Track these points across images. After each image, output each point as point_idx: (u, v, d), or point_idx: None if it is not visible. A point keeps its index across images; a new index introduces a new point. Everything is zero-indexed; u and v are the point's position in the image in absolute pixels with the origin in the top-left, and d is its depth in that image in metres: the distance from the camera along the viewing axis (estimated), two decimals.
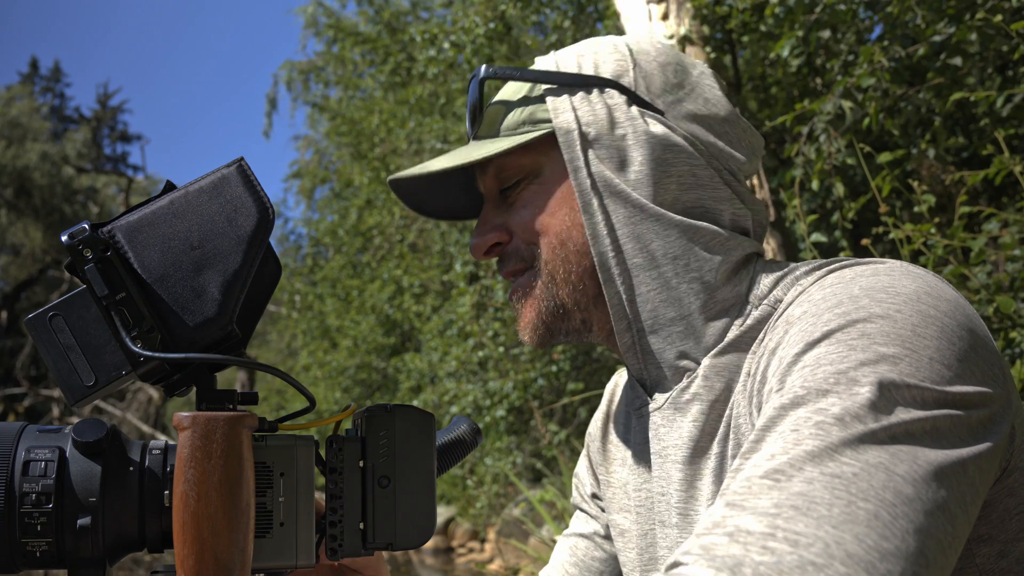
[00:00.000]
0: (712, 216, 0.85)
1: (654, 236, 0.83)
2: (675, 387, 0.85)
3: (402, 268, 11.02)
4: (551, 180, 0.88)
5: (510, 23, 7.86)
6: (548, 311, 0.88)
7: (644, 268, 0.84)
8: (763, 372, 0.75)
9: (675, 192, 0.84)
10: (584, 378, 7.78)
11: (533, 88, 0.89)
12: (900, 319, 0.68)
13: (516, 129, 0.88)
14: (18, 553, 0.66)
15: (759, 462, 0.62)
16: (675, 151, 0.84)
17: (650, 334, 0.84)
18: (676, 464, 0.84)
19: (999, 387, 0.69)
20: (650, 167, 0.84)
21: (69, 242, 0.66)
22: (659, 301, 0.84)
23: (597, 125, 0.85)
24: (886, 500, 0.58)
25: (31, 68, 35.43)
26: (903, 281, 0.72)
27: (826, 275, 0.77)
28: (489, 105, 0.92)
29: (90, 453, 0.68)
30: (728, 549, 0.57)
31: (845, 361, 0.66)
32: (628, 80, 0.86)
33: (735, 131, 0.89)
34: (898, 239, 2.53)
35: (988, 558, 0.75)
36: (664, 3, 4.28)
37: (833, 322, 0.69)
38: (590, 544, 1.08)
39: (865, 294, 0.70)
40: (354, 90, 13.91)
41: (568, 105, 0.86)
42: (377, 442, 0.76)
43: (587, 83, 0.86)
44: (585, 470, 1.10)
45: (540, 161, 0.88)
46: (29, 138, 24.04)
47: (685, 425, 0.83)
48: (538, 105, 0.87)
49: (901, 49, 3.37)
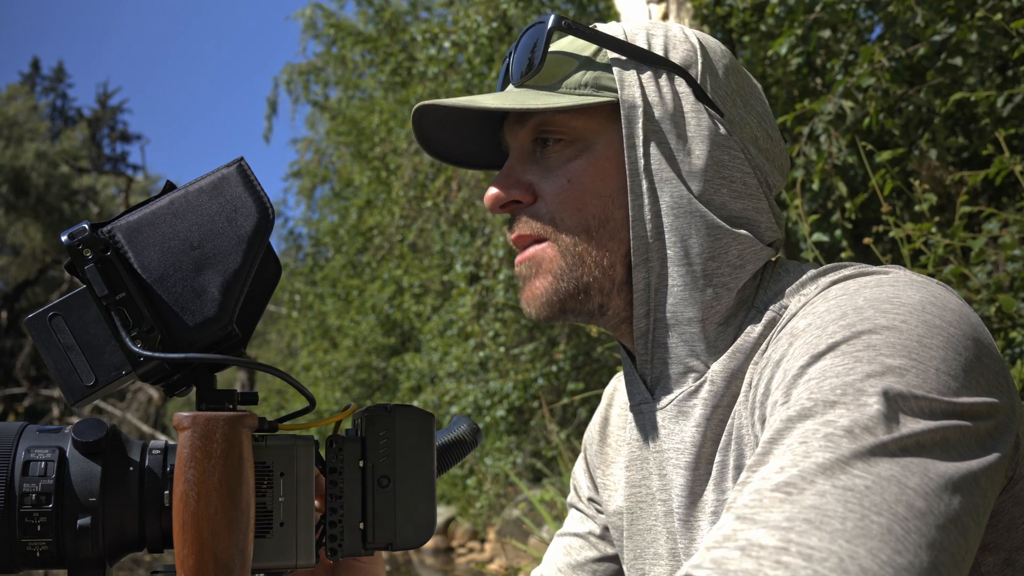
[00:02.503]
0: (753, 227, 0.84)
1: (694, 232, 0.82)
2: (680, 389, 0.83)
3: (402, 268, 11.02)
4: (601, 154, 0.84)
5: (511, 23, 7.86)
6: (567, 291, 0.85)
7: (676, 262, 0.82)
8: (766, 384, 0.74)
9: (726, 196, 0.83)
10: (584, 378, 7.78)
11: (599, 52, 0.85)
12: (905, 330, 0.67)
13: (577, 89, 0.84)
14: (18, 553, 0.66)
15: (768, 475, 0.61)
16: (732, 155, 0.83)
17: (667, 328, 0.83)
18: (678, 469, 0.83)
19: (1004, 396, 0.68)
20: (707, 163, 0.82)
21: (69, 242, 0.66)
22: (682, 298, 0.82)
23: (663, 107, 0.82)
24: (899, 514, 0.57)
25: (32, 68, 35.45)
26: (907, 291, 0.71)
27: (830, 286, 0.77)
28: (548, 54, 0.86)
29: (90, 453, 0.68)
30: (741, 564, 0.56)
31: (851, 373, 0.65)
32: (695, 72, 0.84)
33: (776, 149, 0.88)
34: (899, 238, 2.53)
35: (994, 567, 0.74)
36: (664, 3, 4.28)
37: (838, 334, 0.68)
38: (584, 543, 1.08)
39: (869, 305, 0.70)
40: (354, 90, 13.90)
41: (636, 80, 0.83)
42: (377, 442, 0.76)
43: (657, 63, 0.84)
44: (582, 473, 1.09)
45: (593, 130, 0.84)
46: (27, 138, 24.04)
47: (688, 430, 0.82)
48: (603, 72, 0.84)
49: (901, 49, 3.37)
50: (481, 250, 8.52)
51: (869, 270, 0.77)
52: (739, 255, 0.82)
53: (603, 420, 1.05)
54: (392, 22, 11.96)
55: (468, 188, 8.61)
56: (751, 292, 0.84)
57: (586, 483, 1.08)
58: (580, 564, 1.07)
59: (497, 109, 0.82)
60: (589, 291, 0.85)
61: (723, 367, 0.81)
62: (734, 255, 0.82)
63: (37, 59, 38.26)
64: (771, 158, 0.87)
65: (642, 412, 0.89)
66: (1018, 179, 2.61)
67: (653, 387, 0.87)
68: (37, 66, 35.52)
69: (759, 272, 0.85)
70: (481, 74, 8.15)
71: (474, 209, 8.61)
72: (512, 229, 0.88)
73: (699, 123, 0.83)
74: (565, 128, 0.85)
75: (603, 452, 1.03)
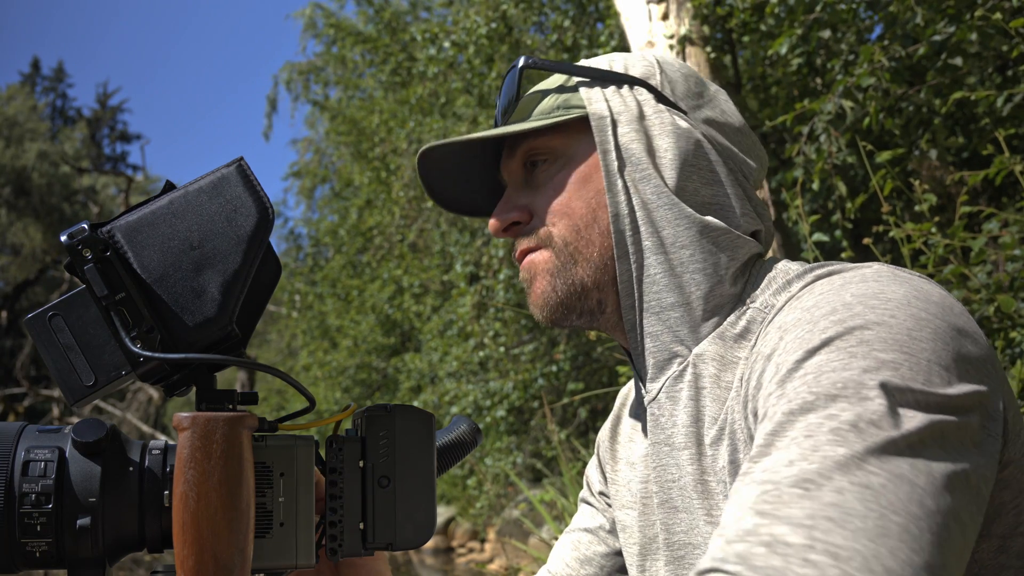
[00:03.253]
0: (725, 214, 0.89)
1: (666, 224, 0.87)
2: (666, 374, 0.87)
3: (402, 268, 11.02)
4: (579, 164, 0.92)
5: (511, 23, 7.86)
6: (565, 289, 0.91)
7: (653, 252, 0.87)
8: (758, 377, 0.76)
9: (696, 184, 0.89)
10: (584, 378, 7.78)
11: (568, 80, 0.94)
12: (895, 325, 0.69)
13: (550, 113, 0.93)
14: (18, 553, 0.66)
15: (777, 468, 0.62)
16: (697, 145, 0.90)
17: (651, 315, 0.88)
18: (677, 450, 0.87)
19: (993, 381, 0.71)
20: (674, 154, 0.89)
21: (69, 242, 0.66)
22: (663, 285, 0.87)
23: (628, 114, 0.90)
24: (913, 513, 0.59)
25: (32, 68, 35.45)
26: (891, 286, 0.74)
27: (814, 281, 0.80)
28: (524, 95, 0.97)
29: (90, 453, 0.68)
30: (768, 560, 0.57)
31: (848, 368, 0.67)
32: (655, 82, 0.92)
33: (747, 141, 0.94)
34: (899, 238, 2.53)
35: (988, 553, 0.75)
36: (664, 3, 4.28)
37: (830, 329, 0.70)
38: (593, 538, 1.10)
39: (858, 301, 0.72)
40: (354, 90, 13.91)
41: (601, 95, 0.91)
42: (377, 442, 0.76)
43: (619, 80, 0.92)
44: (594, 468, 1.13)
45: (570, 144, 0.92)
46: (28, 138, 24.04)
47: (679, 414, 0.86)
48: (572, 94, 0.93)
49: (901, 49, 3.37)
50: (481, 250, 8.52)
51: (850, 266, 0.80)
52: (714, 241, 0.87)
53: (615, 418, 1.08)
54: (392, 22, 11.96)
55: None
56: (739, 286, 0.88)
57: (598, 477, 1.11)
58: (588, 559, 1.09)
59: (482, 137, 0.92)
60: (585, 286, 0.90)
61: (703, 350, 0.85)
62: (709, 241, 0.87)
63: (37, 59, 38.27)
64: (744, 148, 0.93)
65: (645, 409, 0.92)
66: (1018, 179, 2.61)
67: (646, 380, 0.90)
68: (37, 66, 35.53)
69: (747, 265, 0.89)
70: (481, 74, 8.16)
71: None
72: (516, 248, 0.96)
73: (662, 121, 0.90)
74: (547, 149, 0.93)
75: (613, 449, 1.06)
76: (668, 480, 0.89)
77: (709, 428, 0.84)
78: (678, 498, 0.88)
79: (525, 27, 7.99)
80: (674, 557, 0.90)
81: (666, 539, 0.90)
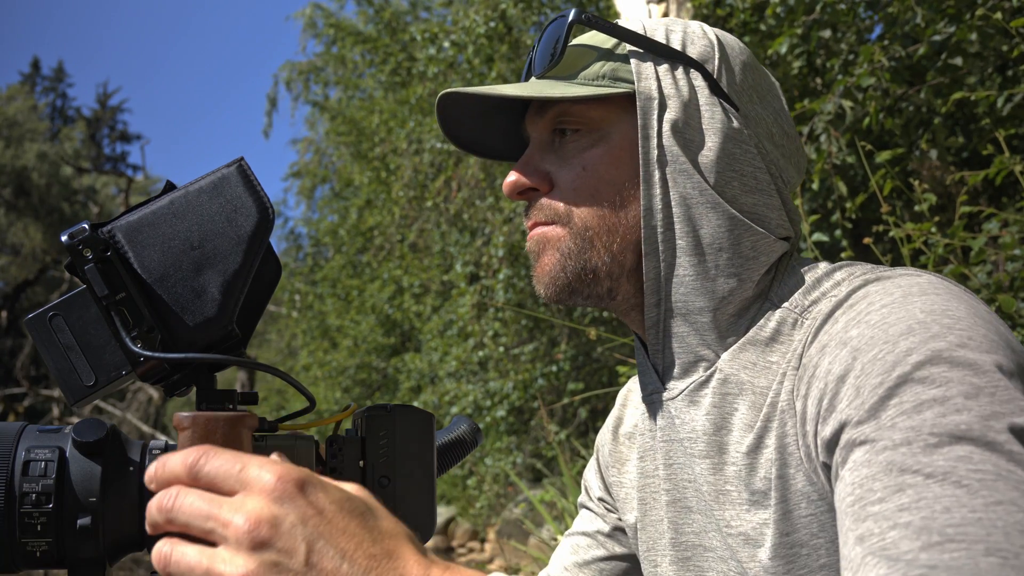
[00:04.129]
0: (764, 223, 0.85)
1: (705, 223, 0.83)
2: (691, 378, 0.84)
3: (402, 268, 11.02)
4: (616, 144, 0.86)
5: (510, 23, 7.86)
6: (575, 271, 0.86)
7: (687, 252, 0.83)
8: (830, 399, 0.71)
9: (737, 190, 0.84)
10: (584, 378, 7.77)
11: (618, 46, 0.87)
12: (973, 346, 0.67)
13: (594, 80, 0.86)
14: (18, 553, 0.66)
15: (932, 514, 0.59)
16: (744, 149, 0.84)
17: (677, 317, 0.84)
18: (692, 457, 0.84)
19: None
20: (718, 155, 0.83)
21: (69, 242, 0.66)
22: (693, 287, 0.83)
23: (678, 99, 0.84)
24: None
25: (32, 68, 35.45)
26: (952, 303, 0.71)
27: (863, 286, 0.76)
28: (569, 46, 0.89)
29: (90, 453, 0.68)
30: None
31: (955, 402, 0.64)
32: (712, 67, 0.86)
33: (792, 146, 0.89)
34: (899, 238, 2.53)
35: None
36: (664, 3, 4.28)
37: (914, 354, 0.67)
38: (591, 542, 1.08)
39: (932, 320, 0.69)
40: (354, 90, 13.90)
41: (653, 72, 0.85)
42: (377, 442, 0.76)
43: (674, 57, 0.85)
44: (593, 473, 1.10)
45: (610, 120, 0.86)
46: (28, 138, 24.04)
47: (699, 418, 0.83)
48: (621, 64, 0.86)
49: (901, 49, 3.36)
50: (481, 250, 8.52)
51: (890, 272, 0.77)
52: (752, 246, 0.83)
53: (616, 420, 1.06)
54: (392, 22, 11.95)
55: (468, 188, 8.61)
56: (765, 285, 0.84)
57: (597, 483, 1.09)
58: (586, 562, 1.07)
59: (517, 96, 0.85)
60: (597, 274, 0.86)
61: (733, 356, 0.82)
62: (747, 246, 0.83)
63: (37, 59, 38.30)
64: (787, 154, 0.88)
65: (654, 401, 0.89)
66: (1018, 179, 2.61)
67: (665, 376, 0.87)
68: (37, 66, 35.53)
69: (774, 266, 0.85)
70: (481, 74, 8.15)
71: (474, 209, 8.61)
72: (528, 216, 0.90)
73: (712, 116, 0.84)
74: (582, 119, 0.87)
75: (616, 451, 1.04)
76: (683, 479, 0.87)
77: (742, 436, 0.81)
78: (693, 499, 0.86)
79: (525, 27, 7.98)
80: (680, 557, 0.88)
81: (673, 538, 0.89)
